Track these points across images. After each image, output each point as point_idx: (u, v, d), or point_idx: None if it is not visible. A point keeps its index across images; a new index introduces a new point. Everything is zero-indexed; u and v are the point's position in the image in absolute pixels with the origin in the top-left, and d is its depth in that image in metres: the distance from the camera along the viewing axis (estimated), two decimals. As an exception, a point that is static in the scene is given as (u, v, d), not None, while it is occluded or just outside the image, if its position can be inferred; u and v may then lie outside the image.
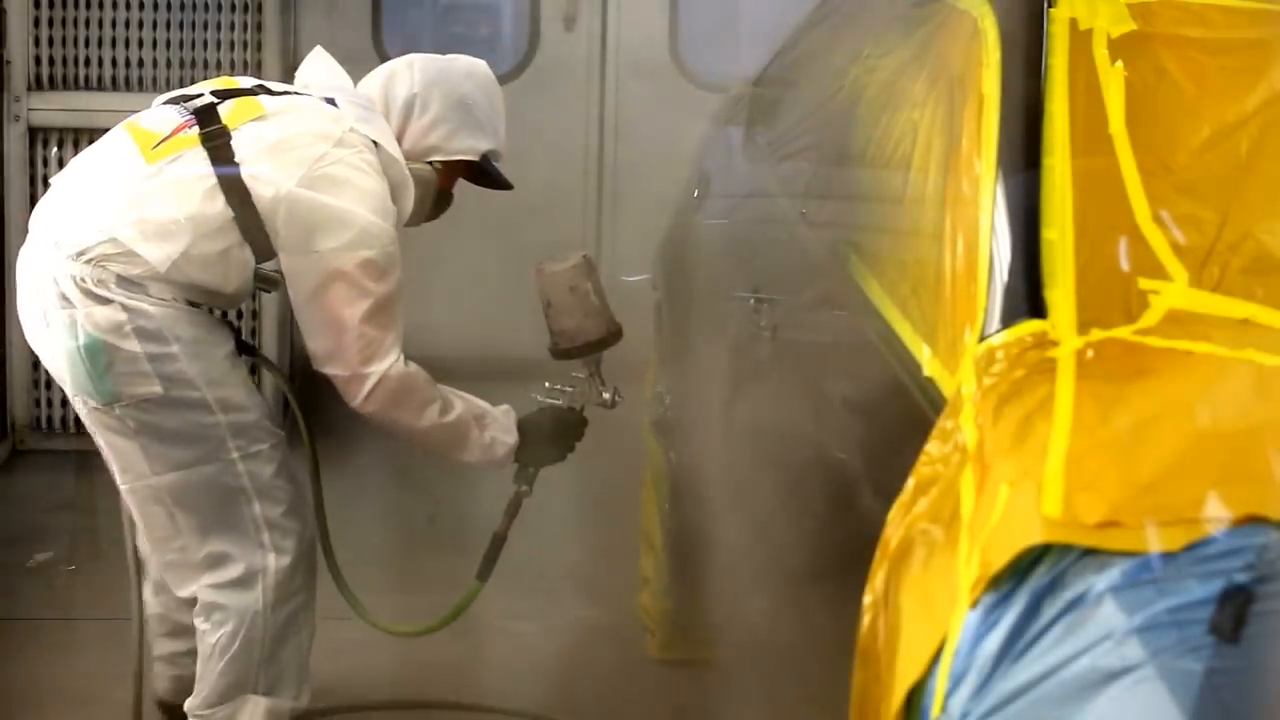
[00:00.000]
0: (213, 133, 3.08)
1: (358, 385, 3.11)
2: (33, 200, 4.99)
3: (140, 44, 5.37)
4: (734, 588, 2.97)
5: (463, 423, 3.26)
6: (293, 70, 3.57)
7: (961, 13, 2.55)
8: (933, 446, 1.95)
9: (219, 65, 5.37)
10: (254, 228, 3.04)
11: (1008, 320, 2.02)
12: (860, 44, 3.09)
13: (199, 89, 3.25)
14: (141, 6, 5.36)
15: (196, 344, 3.06)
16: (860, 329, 2.46)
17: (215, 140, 3.07)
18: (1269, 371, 1.84)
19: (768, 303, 2.97)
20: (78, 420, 3.26)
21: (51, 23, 5.34)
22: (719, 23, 6.45)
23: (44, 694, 3.79)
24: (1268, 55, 2.35)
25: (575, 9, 6.23)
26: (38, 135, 5.35)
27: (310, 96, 3.24)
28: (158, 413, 3.06)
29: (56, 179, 3.22)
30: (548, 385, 3.47)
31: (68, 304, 3.03)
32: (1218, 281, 2.04)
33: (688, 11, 6.28)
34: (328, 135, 3.11)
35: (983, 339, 2.03)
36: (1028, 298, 2.03)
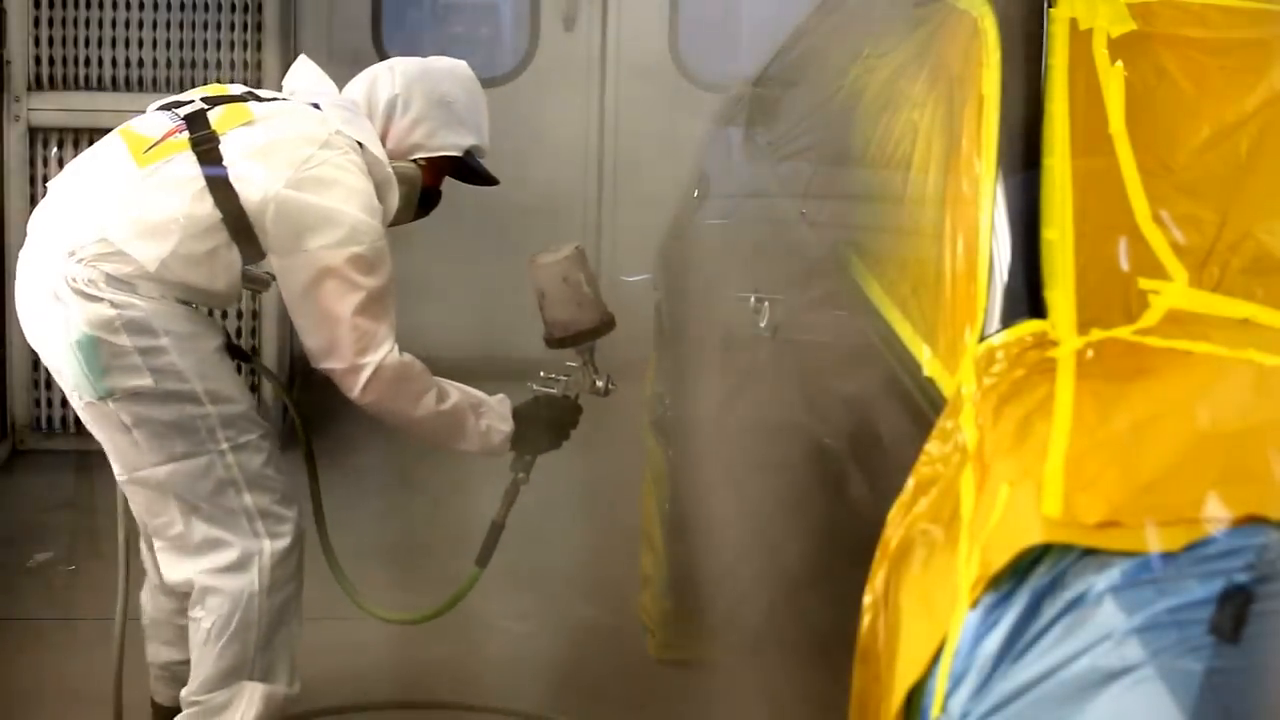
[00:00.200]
0: (202, 137, 3.15)
1: (354, 377, 3.15)
2: (33, 200, 5.01)
3: (140, 44, 5.37)
4: (734, 587, 2.97)
5: (459, 411, 3.29)
6: (292, 71, 3.61)
7: (961, 13, 2.55)
8: (933, 446, 1.95)
9: (219, 65, 5.37)
10: (242, 229, 3.11)
11: (1008, 320, 2.02)
12: (860, 44, 3.09)
13: (190, 95, 3.33)
14: (141, 6, 5.37)
15: (186, 338, 3.12)
16: (860, 329, 2.46)
17: (204, 144, 3.14)
18: (1269, 371, 1.84)
19: (768, 303, 2.98)
20: (78, 420, 3.30)
21: (51, 23, 5.34)
22: (719, 23, 6.46)
23: (44, 694, 3.79)
24: (1268, 55, 2.35)
25: (575, 9, 6.23)
26: (38, 135, 5.35)
27: (296, 102, 3.31)
28: (150, 405, 3.11)
29: (53, 183, 3.29)
30: (542, 374, 3.52)
31: (60, 303, 3.09)
32: (1218, 281, 2.04)
33: (688, 11, 6.28)
34: (314, 138, 3.17)
35: (983, 339, 2.03)
36: (1028, 298, 2.03)
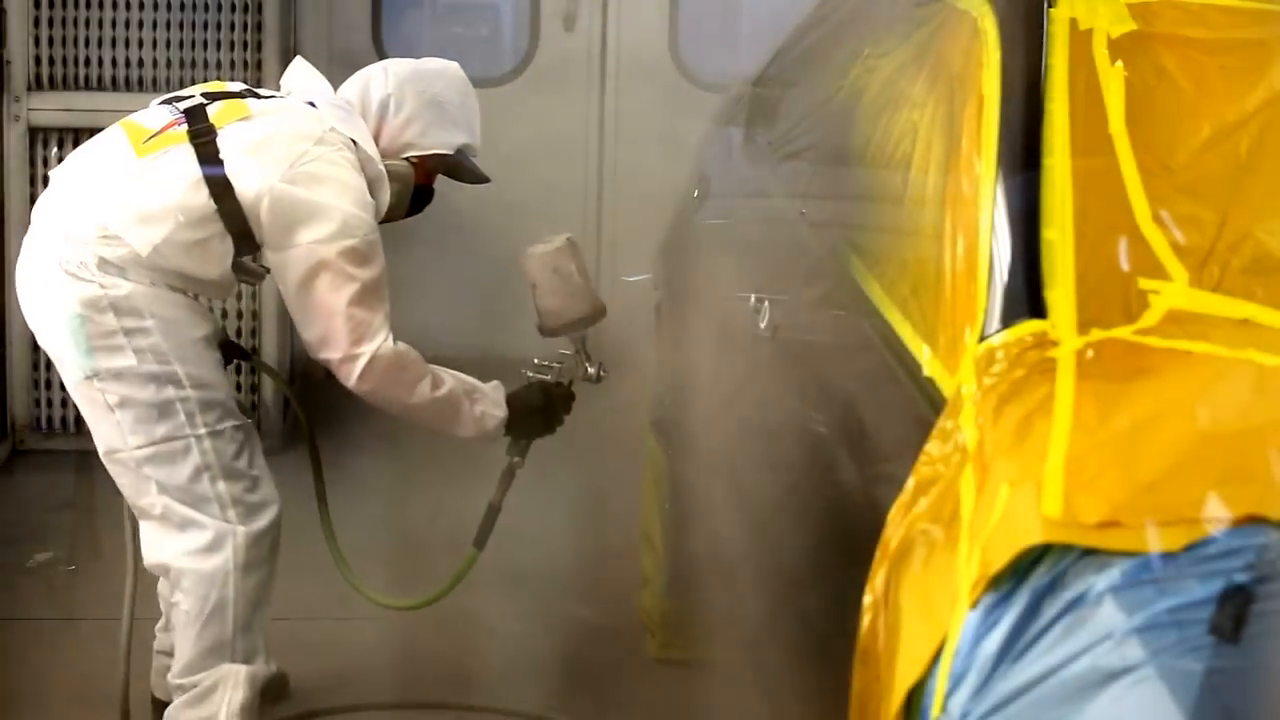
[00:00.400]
0: (200, 130, 3.23)
1: (351, 366, 3.22)
2: (33, 200, 4.99)
3: (140, 44, 5.38)
4: (734, 587, 2.97)
5: (454, 397, 3.35)
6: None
7: (961, 13, 2.55)
8: (933, 446, 1.95)
9: (219, 65, 5.37)
10: (236, 221, 3.18)
11: (1008, 320, 2.02)
12: (860, 44, 3.08)
13: (191, 91, 3.40)
14: (141, 6, 5.37)
15: (171, 323, 3.20)
16: (860, 329, 2.46)
17: (202, 137, 3.22)
18: (1269, 371, 1.84)
19: (768, 303, 2.98)
20: (78, 420, 3.33)
21: (51, 23, 5.35)
22: (719, 23, 6.45)
23: (44, 694, 3.79)
24: (1268, 55, 2.35)
25: (575, 9, 6.23)
26: (38, 135, 5.35)
27: (293, 100, 3.38)
28: (132, 385, 3.18)
29: (55, 172, 3.38)
30: (536, 361, 3.58)
31: (55, 284, 3.18)
32: (1218, 281, 2.03)
33: (688, 11, 6.28)
34: (309, 134, 3.24)
35: (983, 339, 2.02)
36: (1028, 298, 2.03)
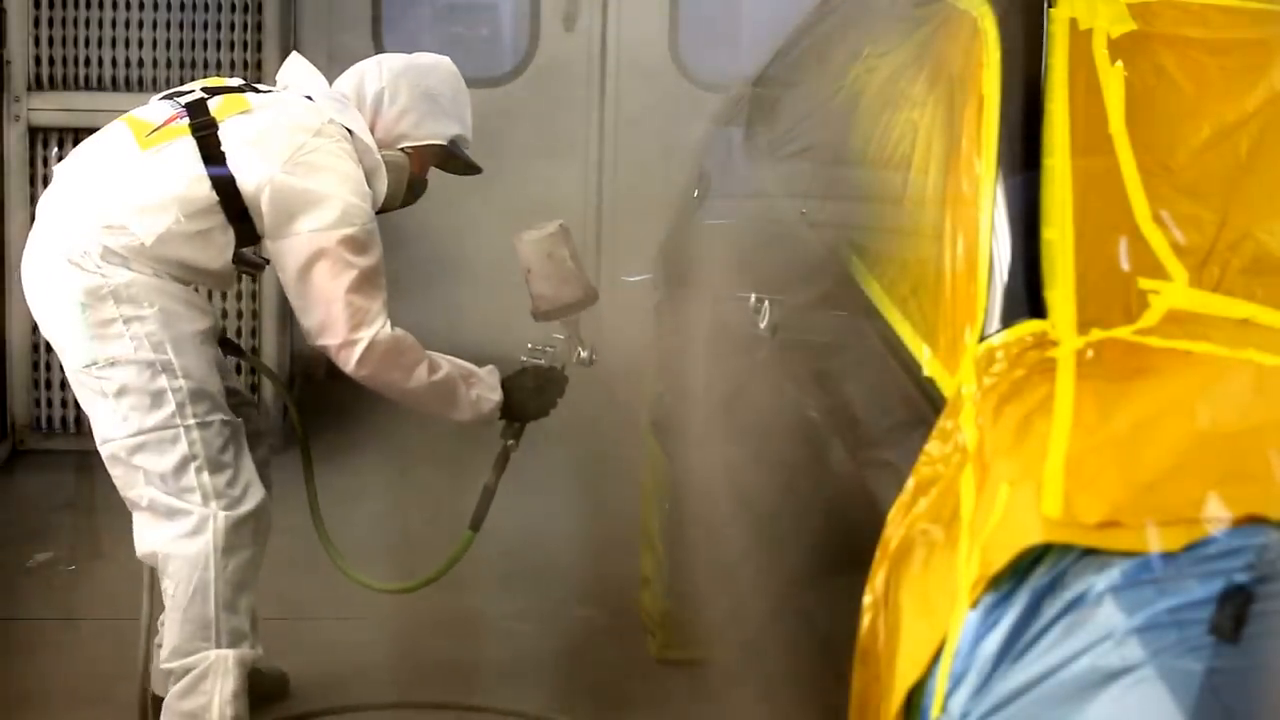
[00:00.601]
0: (201, 123, 3.29)
1: (349, 351, 3.27)
2: (33, 200, 5.00)
3: (140, 44, 5.37)
4: (734, 588, 2.97)
5: (451, 381, 3.40)
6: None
7: (961, 13, 2.55)
8: (933, 446, 1.95)
9: (219, 65, 5.37)
10: (237, 211, 3.23)
11: (1008, 320, 2.02)
12: (860, 44, 3.08)
13: (191, 86, 3.46)
14: (141, 6, 5.37)
15: (170, 314, 3.24)
16: (860, 329, 2.46)
17: (203, 130, 3.28)
18: (1269, 371, 1.84)
19: (768, 303, 2.98)
20: (78, 420, 3.35)
21: (51, 23, 5.34)
22: (719, 23, 6.45)
23: (44, 694, 3.78)
24: (1268, 55, 2.35)
25: (575, 9, 6.22)
26: (38, 135, 5.35)
27: (291, 93, 3.44)
28: (127, 372, 3.22)
29: (59, 167, 3.44)
30: (530, 346, 3.61)
31: (58, 274, 3.23)
32: (1218, 281, 2.04)
33: (688, 11, 6.27)
34: (307, 126, 3.31)
35: (983, 339, 2.03)
36: (1028, 298, 2.03)
